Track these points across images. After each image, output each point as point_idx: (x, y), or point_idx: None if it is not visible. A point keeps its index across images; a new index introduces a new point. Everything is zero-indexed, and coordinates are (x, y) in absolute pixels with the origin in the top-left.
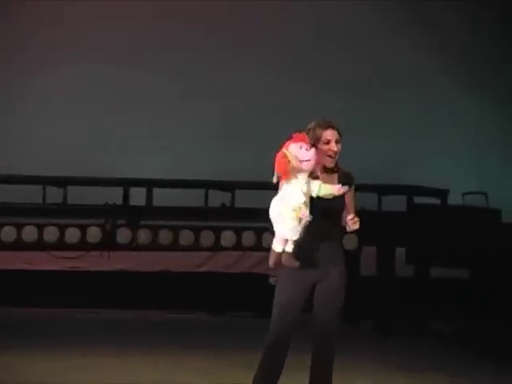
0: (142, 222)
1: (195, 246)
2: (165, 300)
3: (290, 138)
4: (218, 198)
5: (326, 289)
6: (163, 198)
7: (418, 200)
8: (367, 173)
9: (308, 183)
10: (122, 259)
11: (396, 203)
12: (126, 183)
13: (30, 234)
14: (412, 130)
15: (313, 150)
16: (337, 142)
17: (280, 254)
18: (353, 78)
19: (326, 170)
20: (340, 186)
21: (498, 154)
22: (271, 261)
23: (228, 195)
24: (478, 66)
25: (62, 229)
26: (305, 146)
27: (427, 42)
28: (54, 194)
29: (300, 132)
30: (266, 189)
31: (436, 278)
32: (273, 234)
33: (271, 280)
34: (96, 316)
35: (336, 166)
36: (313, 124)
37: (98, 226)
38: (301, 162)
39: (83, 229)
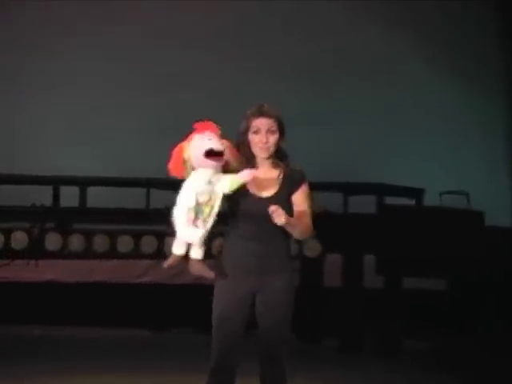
0: (74, 226)
1: (135, 254)
2: (100, 314)
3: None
4: (161, 199)
5: (267, 301)
6: (98, 198)
7: (390, 200)
8: (331, 169)
9: (215, 180)
10: (51, 268)
11: (364, 204)
12: (56, 181)
13: None
14: (382, 121)
15: (221, 141)
16: (271, 132)
17: (180, 257)
18: (309, 63)
19: (265, 164)
20: (249, 169)
21: (480, 148)
22: (166, 263)
23: (172, 195)
24: (461, 54)
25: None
26: (208, 136)
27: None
28: None
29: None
30: None
31: (409, 290)
32: None
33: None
34: (20, 332)
35: (279, 160)
36: (247, 112)
37: (23, 230)
38: (201, 155)
39: (7, 234)
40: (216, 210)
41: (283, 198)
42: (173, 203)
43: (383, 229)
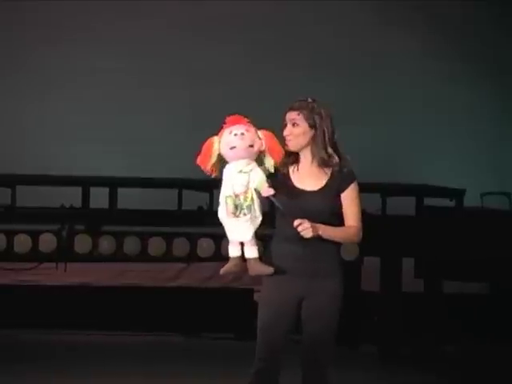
0: (104, 228)
1: (167, 257)
2: (130, 319)
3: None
4: (193, 200)
5: (314, 306)
6: (129, 199)
7: (429, 202)
8: (369, 170)
9: (248, 170)
10: (80, 271)
11: (403, 206)
12: (86, 182)
13: None
14: (422, 122)
15: (247, 135)
16: (293, 124)
17: (237, 259)
18: (347, 63)
19: (308, 158)
20: (267, 186)
21: None
22: (223, 269)
23: (205, 196)
24: (499, 53)
25: (9, 236)
26: (235, 130)
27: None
28: (1, 196)
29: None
30: None
31: (450, 294)
32: None
33: (257, 296)
34: (48, 338)
35: (332, 157)
36: None
37: (52, 232)
38: (229, 149)
39: (35, 236)
40: (257, 202)
41: (329, 195)
42: (205, 204)
43: (423, 231)
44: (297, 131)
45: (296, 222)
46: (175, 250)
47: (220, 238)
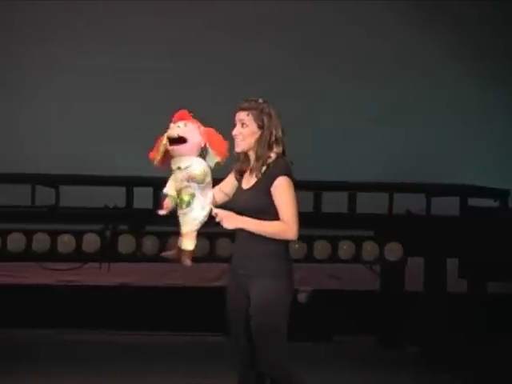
0: (148, 228)
1: (211, 257)
2: (174, 319)
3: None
4: None
5: (251, 306)
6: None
7: (473, 202)
8: (414, 170)
9: (187, 165)
10: (123, 272)
11: (447, 206)
12: (129, 182)
13: (16, 242)
14: (463, 121)
15: (182, 129)
16: (242, 124)
17: (178, 249)
18: (382, 63)
19: (253, 156)
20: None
21: None
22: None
23: None
24: None
25: (53, 236)
26: (177, 124)
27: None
28: (45, 196)
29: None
30: None
31: (494, 295)
32: None
33: (300, 296)
34: (92, 338)
35: (262, 153)
36: None
37: (95, 232)
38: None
39: (79, 236)
40: (198, 198)
41: (257, 192)
42: None
43: (467, 231)
44: (245, 131)
45: (213, 213)
46: (218, 250)
47: None
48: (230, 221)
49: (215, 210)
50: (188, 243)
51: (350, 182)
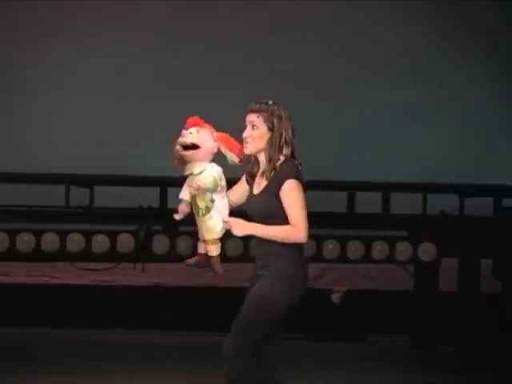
0: (182, 229)
1: (244, 257)
2: (208, 319)
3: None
4: None
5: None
6: None
7: (508, 203)
8: (448, 171)
9: (198, 172)
10: (158, 272)
11: (481, 207)
12: (163, 183)
13: (50, 242)
14: (498, 121)
15: (194, 135)
16: (252, 126)
17: (201, 256)
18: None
19: (263, 160)
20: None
21: None
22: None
23: None
24: None
25: (87, 236)
26: (189, 131)
27: None
28: (79, 196)
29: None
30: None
31: None
32: None
33: (334, 297)
34: (128, 338)
35: (271, 156)
36: None
37: (130, 232)
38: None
39: (113, 236)
40: (219, 204)
41: (266, 197)
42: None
43: (501, 231)
44: (255, 134)
45: (225, 219)
46: (252, 250)
47: None
48: (239, 228)
49: (225, 218)
50: (213, 249)
51: (383, 183)
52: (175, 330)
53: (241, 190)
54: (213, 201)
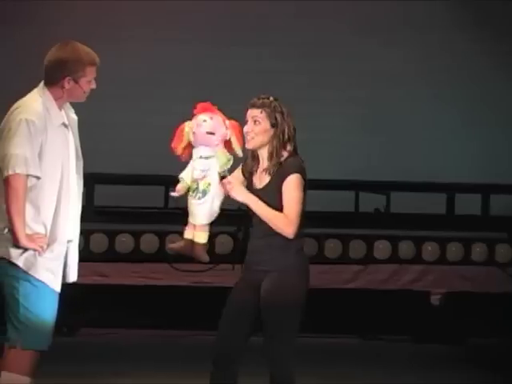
0: None
1: (343, 258)
2: (305, 321)
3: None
4: (370, 202)
5: (261, 301)
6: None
7: None
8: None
9: (210, 156)
10: None
11: None
12: None
13: (148, 243)
14: None
15: (208, 122)
16: (255, 122)
17: (187, 241)
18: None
19: (265, 155)
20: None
21: None
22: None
23: (382, 198)
24: None
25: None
26: (201, 117)
27: None
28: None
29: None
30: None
31: None
32: None
33: (433, 299)
34: None
35: (274, 151)
36: None
37: (228, 234)
38: (192, 135)
39: (212, 238)
40: (215, 190)
41: (271, 191)
42: (382, 206)
43: None
44: (258, 129)
45: (225, 180)
46: (352, 251)
47: (397, 239)
48: (239, 192)
49: (229, 178)
50: (201, 236)
51: (483, 184)
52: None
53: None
54: (210, 185)
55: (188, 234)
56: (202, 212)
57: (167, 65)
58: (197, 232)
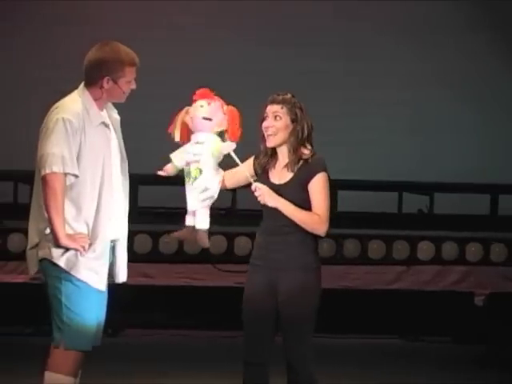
0: (348, 231)
1: (386, 259)
2: (348, 321)
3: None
4: (414, 203)
5: (281, 302)
6: (351, 201)
7: None
8: None
9: (204, 141)
10: None
11: None
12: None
13: (192, 244)
14: None
15: (206, 108)
16: (275, 117)
17: (190, 228)
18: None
19: (284, 152)
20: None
21: None
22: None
23: (425, 199)
24: None
25: (230, 238)
26: (199, 102)
27: None
28: (224, 198)
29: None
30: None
31: None
32: None
33: (477, 299)
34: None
35: (297, 148)
36: None
37: (246, 235)
38: (190, 120)
39: (230, 238)
40: (208, 176)
41: (295, 187)
42: (425, 207)
43: None
44: (279, 124)
45: (253, 187)
46: (395, 252)
47: (440, 240)
48: (271, 197)
49: (255, 184)
50: (201, 222)
51: None
52: (321, 332)
53: (237, 178)
54: (202, 172)
55: (188, 220)
56: (193, 197)
57: (218, 65)
58: (198, 218)
